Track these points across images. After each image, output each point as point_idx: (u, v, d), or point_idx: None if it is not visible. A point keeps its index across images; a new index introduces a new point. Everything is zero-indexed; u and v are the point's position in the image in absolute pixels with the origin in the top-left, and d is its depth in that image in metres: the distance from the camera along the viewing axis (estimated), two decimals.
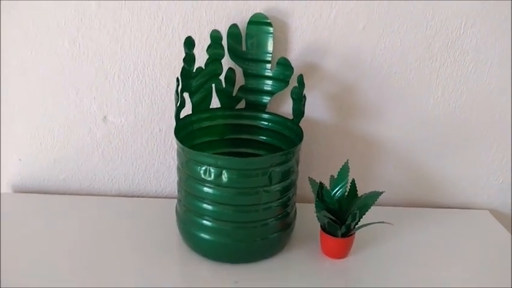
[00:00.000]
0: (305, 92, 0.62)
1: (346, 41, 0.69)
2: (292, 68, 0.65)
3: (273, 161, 0.57)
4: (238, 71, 0.69)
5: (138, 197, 0.78)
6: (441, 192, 0.79)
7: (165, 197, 0.78)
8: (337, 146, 0.75)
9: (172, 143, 0.75)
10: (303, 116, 0.64)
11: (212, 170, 0.56)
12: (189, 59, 0.63)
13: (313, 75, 0.70)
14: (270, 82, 0.68)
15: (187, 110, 0.65)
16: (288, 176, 0.60)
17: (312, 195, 0.63)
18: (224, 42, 0.66)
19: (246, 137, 0.70)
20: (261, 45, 0.67)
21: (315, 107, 0.72)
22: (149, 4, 0.67)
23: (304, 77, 0.62)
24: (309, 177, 0.64)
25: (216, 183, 0.56)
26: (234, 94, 0.70)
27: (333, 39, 0.69)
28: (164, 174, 0.77)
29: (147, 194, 0.78)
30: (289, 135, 0.66)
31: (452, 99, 0.73)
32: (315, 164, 0.75)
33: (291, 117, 0.66)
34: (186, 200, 0.61)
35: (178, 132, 0.63)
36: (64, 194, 0.77)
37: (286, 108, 0.72)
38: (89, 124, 0.74)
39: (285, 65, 0.65)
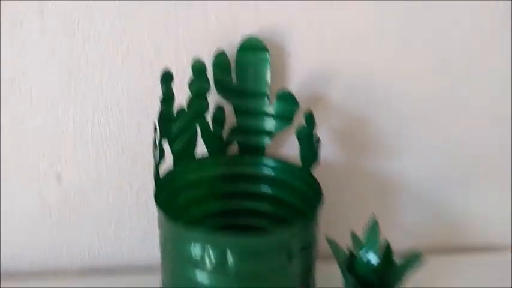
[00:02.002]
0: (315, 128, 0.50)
1: (355, 65, 0.57)
2: (297, 103, 0.52)
3: (293, 233, 0.43)
4: (228, 109, 0.55)
5: (106, 274, 0.62)
6: (466, 232, 0.68)
7: (143, 271, 0.63)
8: (350, 190, 0.62)
9: (148, 203, 0.60)
10: (316, 162, 0.51)
11: (212, 252, 0.42)
12: (168, 98, 0.48)
13: (317, 107, 0.58)
14: (269, 120, 0.54)
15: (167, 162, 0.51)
16: (310, 247, 0.46)
17: (328, 251, 0.50)
18: (209, 73, 0.53)
19: (243, 189, 0.56)
20: (256, 75, 0.53)
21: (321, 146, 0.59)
22: (110, 28, 0.53)
23: (312, 113, 0.49)
24: (327, 238, 0.50)
25: (217, 268, 0.42)
26: (224, 137, 0.56)
27: (339, 63, 0.57)
28: (139, 242, 0.62)
29: (119, 268, 0.62)
30: (299, 186, 0.52)
31: (477, 130, 0.62)
32: (327, 213, 0.62)
33: (295, 162, 0.54)
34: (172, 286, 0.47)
35: (159, 195, 0.48)
36: (13, 274, 0.60)
37: (287, 151, 0.59)
38: (38, 187, 0.58)
39: (287, 99, 0.52)
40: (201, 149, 0.55)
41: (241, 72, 0.54)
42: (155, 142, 0.46)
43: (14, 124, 0.55)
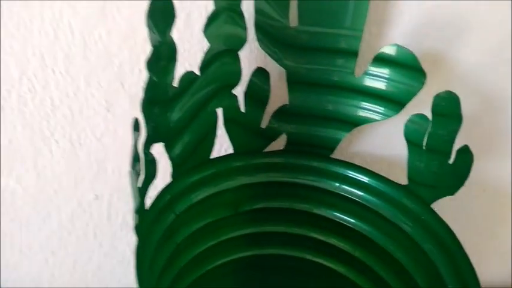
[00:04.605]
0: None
1: (503, 13, 0.31)
2: (423, 73, 0.27)
3: None
4: (277, 75, 0.30)
5: None
6: None
7: None
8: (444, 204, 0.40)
9: (125, 217, 0.37)
10: (454, 192, 0.27)
11: None
12: (163, 56, 0.24)
13: (431, 76, 0.32)
14: (356, 101, 0.29)
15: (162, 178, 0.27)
16: None
17: None
18: (248, 11, 0.28)
19: (291, 208, 0.33)
20: (335, 14, 0.27)
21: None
22: None
23: (459, 99, 0.25)
24: None
25: None
26: (263, 125, 0.32)
27: (480, 5, 0.30)
28: (114, 273, 0.40)
29: None
30: (403, 225, 0.28)
31: None
32: None
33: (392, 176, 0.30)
34: None
35: (144, 247, 0.25)
36: None
37: (367, 148, 0.35)
38: None
39: (401, 64, 0.27)
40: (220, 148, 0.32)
41: (308, 7, 0.27)
42: (135, 152, 0.22)
43: None
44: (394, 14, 0.31)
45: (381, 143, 0.34)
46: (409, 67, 0.26)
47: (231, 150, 0.32)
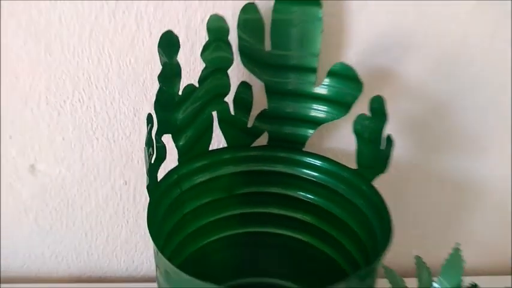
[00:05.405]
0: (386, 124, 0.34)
1: (441, 31, 0.40)
2: (361, 83, 0.36)
3: None
4: (258, 87, 0.40)
5: (98, 281, 0.50)
6: None
7: (141, 279, 0.51)
8: (411, 195, 0.47)
9: (147, 199, 0.47)
10: (383, 171, 0.35)
11: None
12: (170, 73, 0.33)
13: (382, 88, 0.40)
14: (316, 105, 0.38)
15: (171, 161, 0.37)
16: None
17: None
18: (232, 38, 0.37)
19: (271, 191, 0.42)
20: (301, 40, 0.37)
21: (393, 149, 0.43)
22: None
23: (384, 100, 0.34)
24: (384, 268, 0.37)
25: None
26: (249, 125, 0.41)
27: (421, 26, 0.40)
28: (138, 246, 0.49)
29: (113, 276, 0.50)
30: (353, 199, 0.37)
31: None
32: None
33: (347, 162, 0.39)
34: None
35: (155, 209, 0.35)
36: None
37: (331, 143, 0.44)
38: (7, 178, 0.45)
39: (345, 76, 0.36)
40: (217, 142, 0.41)
41: (278, 35, 0.37)
42: (149, 138, 0.32)
43: None
44: (350, 38, 0.40)
45: (348, 140, 0.42)
46: (350, 78, 0.35)
47: (225, 145, 0.41)
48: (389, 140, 0.34)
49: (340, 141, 0.44)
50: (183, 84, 0.35)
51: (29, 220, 0.47)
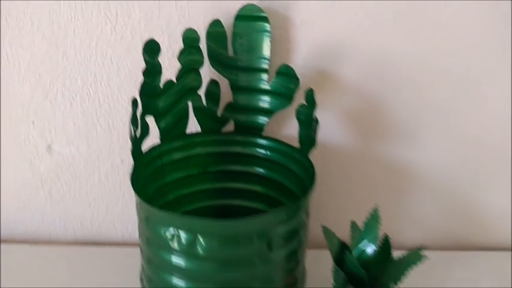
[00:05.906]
0: (315, 109, 0.45)
1: (371, 40, 0.51)
2: (298, 79, 0.47)
3: (273, 221, 0.40)
4: (224, 84, 0.51)
5: (99, 244, 0.61)
6: (484, 229, 0.62)
7: (134, 244, 0.61)
8: (356, 179, 0.57)
9: None
10: (314, 146, 0.46)
11: (183, 236, 0.39)
12: (152, 70, 0.45)
13: (325, 87, 0.52)
14: (267, 98, 0.49)
15: (153, 139, 0.48)
16: (295, 236, 0.42)
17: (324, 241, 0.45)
18: (203, 45, 0.49)
19: (236, 169, 0.52)
20: (254, 48, 0.49)
21: (327, 129, 0.53)
22: None
23: (314, 92, 0.45)
24: (322, 227, 0.46)
25: (189, 253, 0.39)
26: (219, 114, 0.52)
27: (353, 37, 0.51)
28: (132, 216, 0.60)
29: (111, 241, 0.60)
30: (295, 169, 0.48)
31: (504, 119, 0.55)
32: (329, 202, 0.58)
33: (296, 143, 0.50)
34: (149, 270, 0.44)
35: (138, 172, 0.45)
36: (5, 241, 0.60)
37: (288, 131, 0.54)
38: (28, 156, 0.56)
39: (287, 75, 0.47)
40: (193, 126, 0.52)
41: (237, 44, 0.49)
42: (133, 117, 0.43)
43: (4, 94, 0.53)
44: (296, 46, 0.51)
45: (293, 125, 0.51)
46: (290, 76, 0.46)
47: (200, 130, 0.51)
48: (315, 121, 0.44)
49: (294, 128, 0.54)
50: (165, 80, 0.46)
51: (45, 192, 0.58)
